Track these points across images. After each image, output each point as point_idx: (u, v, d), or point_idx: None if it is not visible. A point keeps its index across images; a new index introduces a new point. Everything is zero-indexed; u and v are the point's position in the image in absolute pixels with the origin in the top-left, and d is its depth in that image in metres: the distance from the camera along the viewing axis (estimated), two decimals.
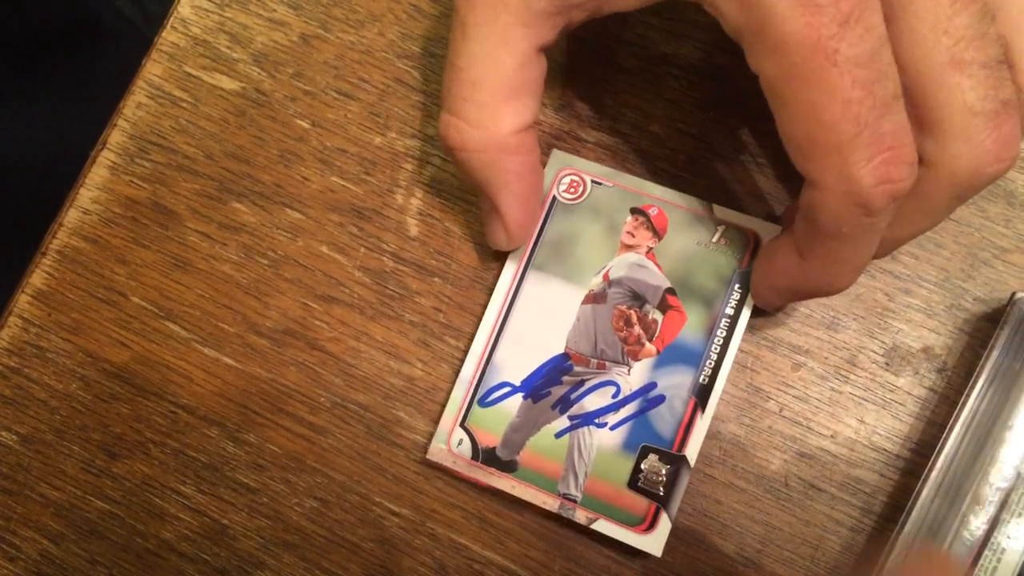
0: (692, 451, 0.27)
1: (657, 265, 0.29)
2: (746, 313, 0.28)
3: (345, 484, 0.29)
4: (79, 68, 0.59)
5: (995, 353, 0.27)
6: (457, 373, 0.29)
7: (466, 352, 0.30)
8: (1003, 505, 0.26)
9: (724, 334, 0.28)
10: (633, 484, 0.27)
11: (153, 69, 0.32)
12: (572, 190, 0.30)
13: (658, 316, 0.28)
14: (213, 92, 0.32)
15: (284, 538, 0.29)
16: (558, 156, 0.30)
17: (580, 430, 0.28)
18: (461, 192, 0.31)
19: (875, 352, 0.29)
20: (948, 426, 0.27)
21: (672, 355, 0.28)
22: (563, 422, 0.28)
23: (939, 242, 0.29)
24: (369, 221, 0.31)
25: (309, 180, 0.31)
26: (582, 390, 0.28)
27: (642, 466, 0.27)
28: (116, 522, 0.30)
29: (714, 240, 0.29)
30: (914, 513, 0.27)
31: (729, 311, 0.28)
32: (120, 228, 0.31)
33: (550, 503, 0.28)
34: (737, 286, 0.28)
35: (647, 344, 0.28)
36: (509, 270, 0.29)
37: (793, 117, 0.22)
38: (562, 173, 0.30)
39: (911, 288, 0.29)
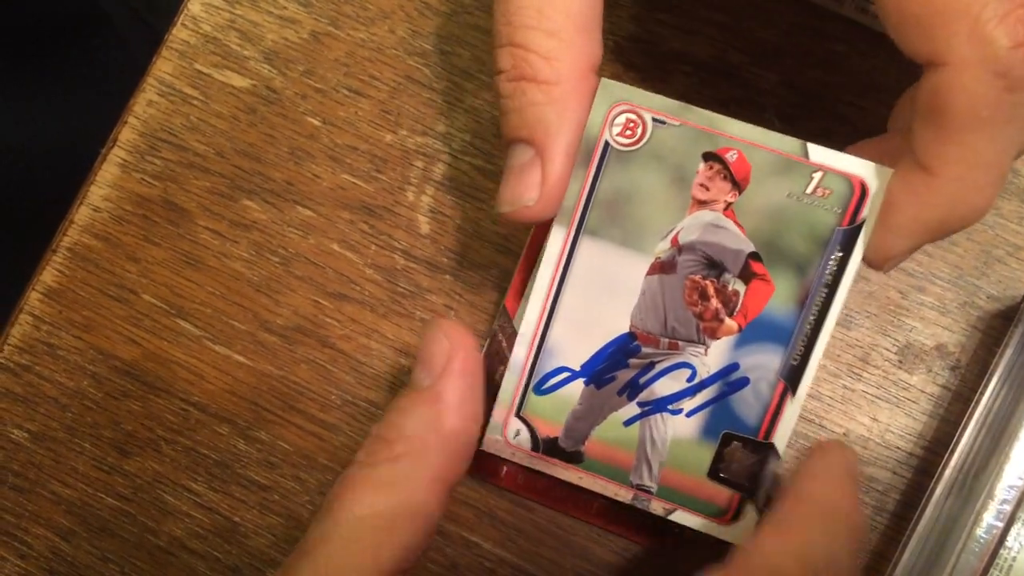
0: (781, 439, 0.24)
1: (738, 224, 0.24)
2: (848, 280, 0.23)
3: None
4: (82, 62, 0.59)
5: (1009, 351, 0.27)
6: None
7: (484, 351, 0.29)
8: (1018, 503, 0.26)
9: (820, 307, 0.24)
10: (714, 474, 0.25)
11: (163, 66, 0.32)
12: (629, 132, 0.24)
13: (740, 287, 0.24)
14: (224, 89, 0.32)
15: (295, 536, 0.29)
16: (609, 88, 0.24)
17: (652, 418, 0.25)
18: (472, 189, 0.31)
19: (888, 350, 0.29)
20: (962, 424, 0.27)
21: (757, 332, 0.24)
22: (632, 409, 0.25)
23: (952, 239, 0.29)
24: (380, 219, 0.31)
25: (320, 177, 0.31)
26: (652, 374, 0.25)
27: (724, 455, 0.25)
28: (127, 519, 0.30)
29: (809, 191, 0.24)
30: (927, 511, 0.27)
31: (827, 279, 0.24)
32: (131, 226, 0.32)
33: (623, 494, 0.25)
34: (838, 248, 0.23)
35: (727, 320, 0.24)
36: (558, 237, 0.25)
37: None
38: (615, 110, 0.24)
39: (924, 286, 0.29)
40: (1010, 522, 0.26)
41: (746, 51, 0.31)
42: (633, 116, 0.24)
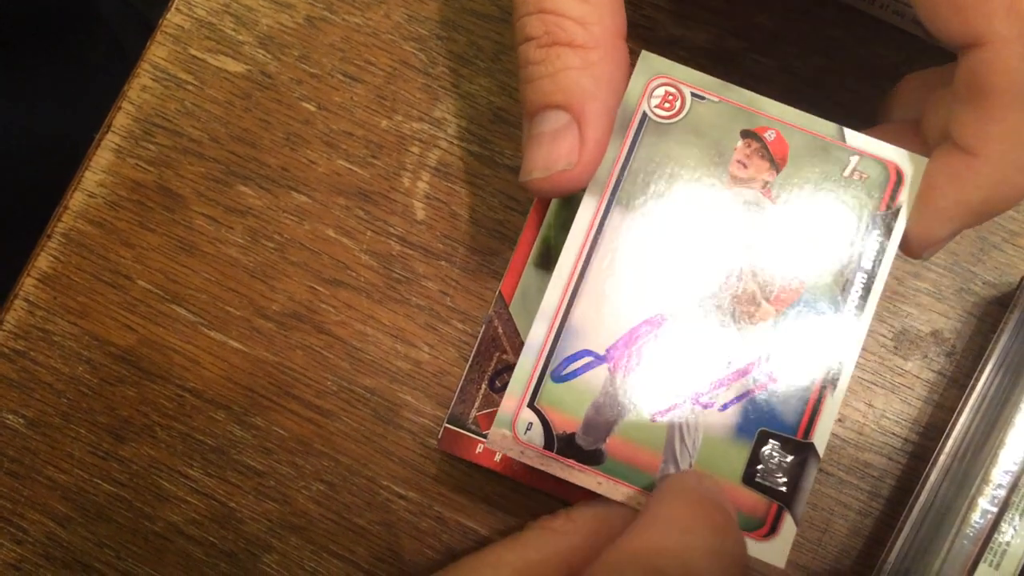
0: (821, 438, 0.23)
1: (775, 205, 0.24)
2: (886, 266, 0.23)
3: (352, 467, 0.29)
4: (70, 50, 0.59)
5: (1004, 337, 0.27)
6: (467, 358, 0.29)
7: (475, 335, 0.29)
8: (1013, 488, 0.26)
9: (860, 293, 0.23)
10: (749, 479, 0.23)
11: (158, 51, 0.32)
12: (667, 105, 0.24)
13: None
14: (218, 75, 0.32)
15: (291, 521, 0.29)
16: (649, 60, 0.24)
17: (682, 410, 0.23)
18: (468, 175, 0.31)
19: (884, 336, 0.29)
20: (957, 410, 0.27)
21: (795, 318, 0.23)
22: (660, 401, 0.24)
23: None
24: (376, 204, 0.31)
25: (315, 163, 0.31)
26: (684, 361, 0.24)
27: (760, 456, 0.23)
28: (123, 505, 0.30)
29: (846, 174, 0.23)
30: (922, 497, 0.27)
31: (866, 264, 0.23)
32: (126, 211, 0.31)
33: (646, 503, 0.23)
34: (876, 233, 0.23)
35: (763, 304, 0.23)
36: (588, 207, 0.24)
37: None
38: (654, 83, 0.24)
39: (920, 272, 0.29)
40: (1004, 508, 0.26)
41: (744, 37, 0.30)
42: (672, 89, 0.24)
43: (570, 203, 0.29)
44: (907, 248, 0.23)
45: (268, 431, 0.30)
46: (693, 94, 0.24)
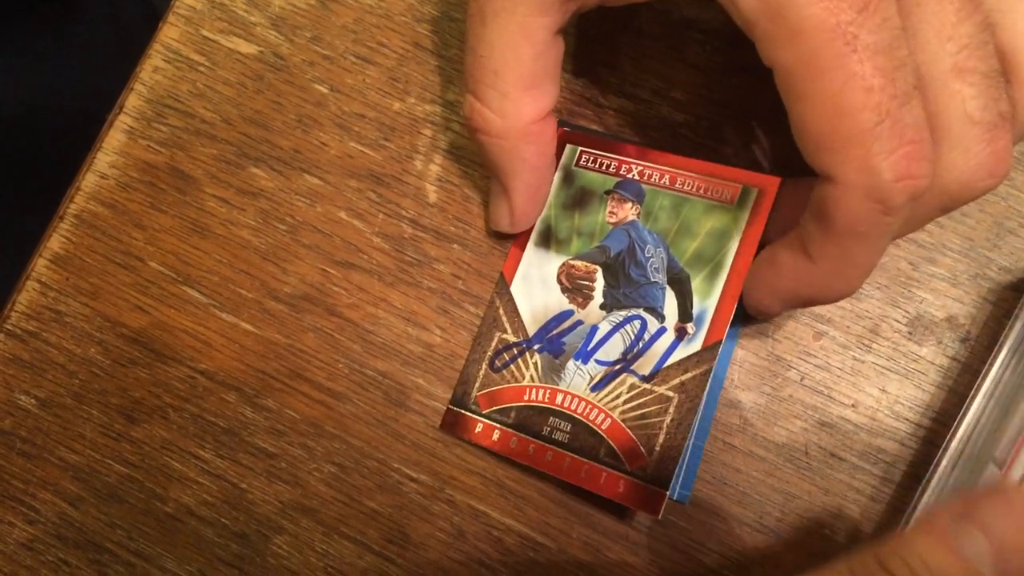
0: None
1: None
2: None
3: (363, 450, 0.29)
4: (61, 20, 0.58)
5: (1019, 323, 0.27)
6: (476, 339, 0.29)
7: (482, 319, 0.29)
8: None
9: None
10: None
11: (170, 32, 0.32)
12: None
13: None
14: (230, 56, 0.32)
15: (302, 503, 0.29)
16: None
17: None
18: (480, 158, 0.31)
19: (898, 321, 0.29)
20: (970, 396, 0.27)
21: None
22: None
23: (964, 211, 0.29)
24: (388, 187, 0.31)
25: (327, 145, 0.31)
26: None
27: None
28: (135, 486, 0.30)
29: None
30: (934, 482, 0.27)
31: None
32: (138, 193, 0.31)
33: None
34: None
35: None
36: None
37: (811, 108, 0.21)
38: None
39: (935, 257, 0.29)
40: None
41: None
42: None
43: (570, 183, 0.29)
44: (749, 310, 0.27)
45: (279, 413, 0.30)
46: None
